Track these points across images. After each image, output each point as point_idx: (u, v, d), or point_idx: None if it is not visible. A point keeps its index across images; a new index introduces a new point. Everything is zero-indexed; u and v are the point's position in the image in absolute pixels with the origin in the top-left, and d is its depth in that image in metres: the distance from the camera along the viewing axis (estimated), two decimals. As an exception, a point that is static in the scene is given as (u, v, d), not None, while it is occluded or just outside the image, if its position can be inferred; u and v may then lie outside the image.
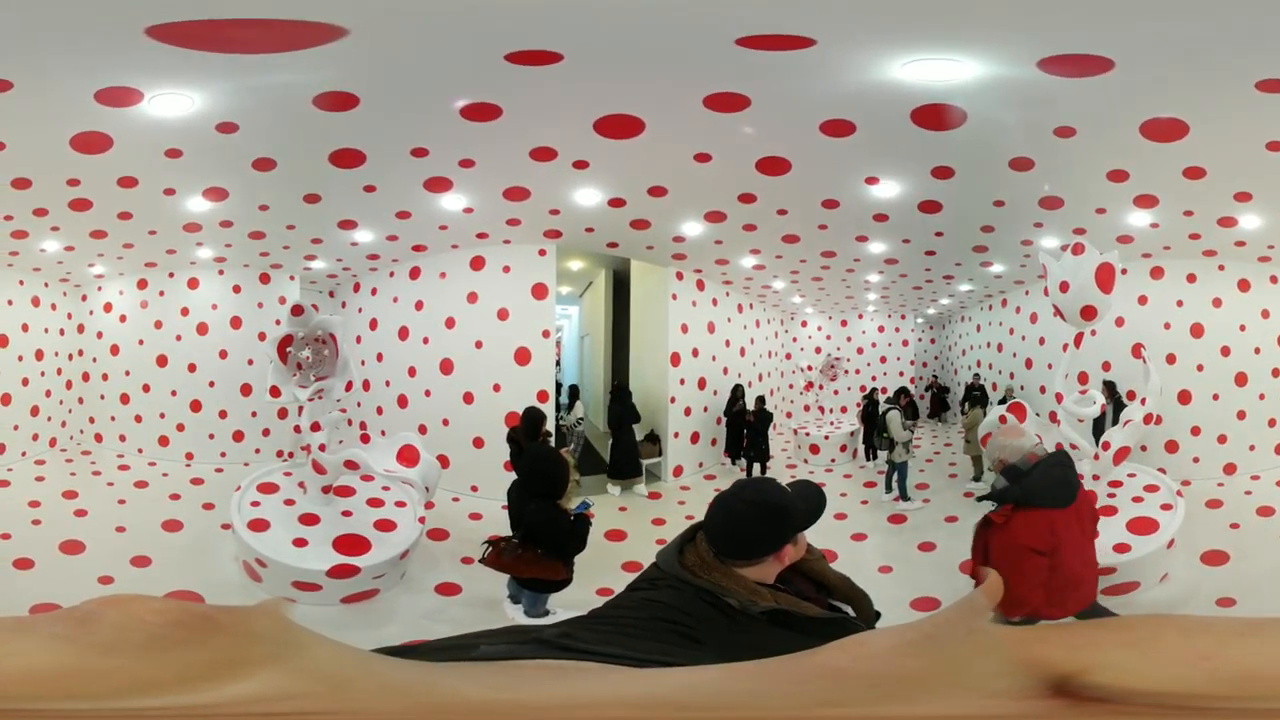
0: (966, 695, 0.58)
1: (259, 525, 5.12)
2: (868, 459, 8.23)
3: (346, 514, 5.35)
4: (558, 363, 8.23)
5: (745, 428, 7.74)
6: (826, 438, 8.60)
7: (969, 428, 7.36)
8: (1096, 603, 3.76)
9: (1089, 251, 4.94)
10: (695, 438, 7.63)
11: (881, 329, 9.33)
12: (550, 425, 6.15)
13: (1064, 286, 5.00)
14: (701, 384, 7.67)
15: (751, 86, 3.73)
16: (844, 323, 9.36)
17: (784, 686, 0.61)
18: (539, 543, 4.22)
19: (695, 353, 7.54)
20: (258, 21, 3.04)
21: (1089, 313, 5.00)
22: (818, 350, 9.28)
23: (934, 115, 3.97)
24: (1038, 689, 0.58)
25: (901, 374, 9.17)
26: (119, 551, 5.42)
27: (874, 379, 9.07)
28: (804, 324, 9.49)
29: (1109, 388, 6.46)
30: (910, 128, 4.09)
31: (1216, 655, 0.59)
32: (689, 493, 7.21)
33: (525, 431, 5.23)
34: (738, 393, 7.90)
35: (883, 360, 9.28)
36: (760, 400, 7.86)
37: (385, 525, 5.32)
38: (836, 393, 9.08)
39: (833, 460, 8.49)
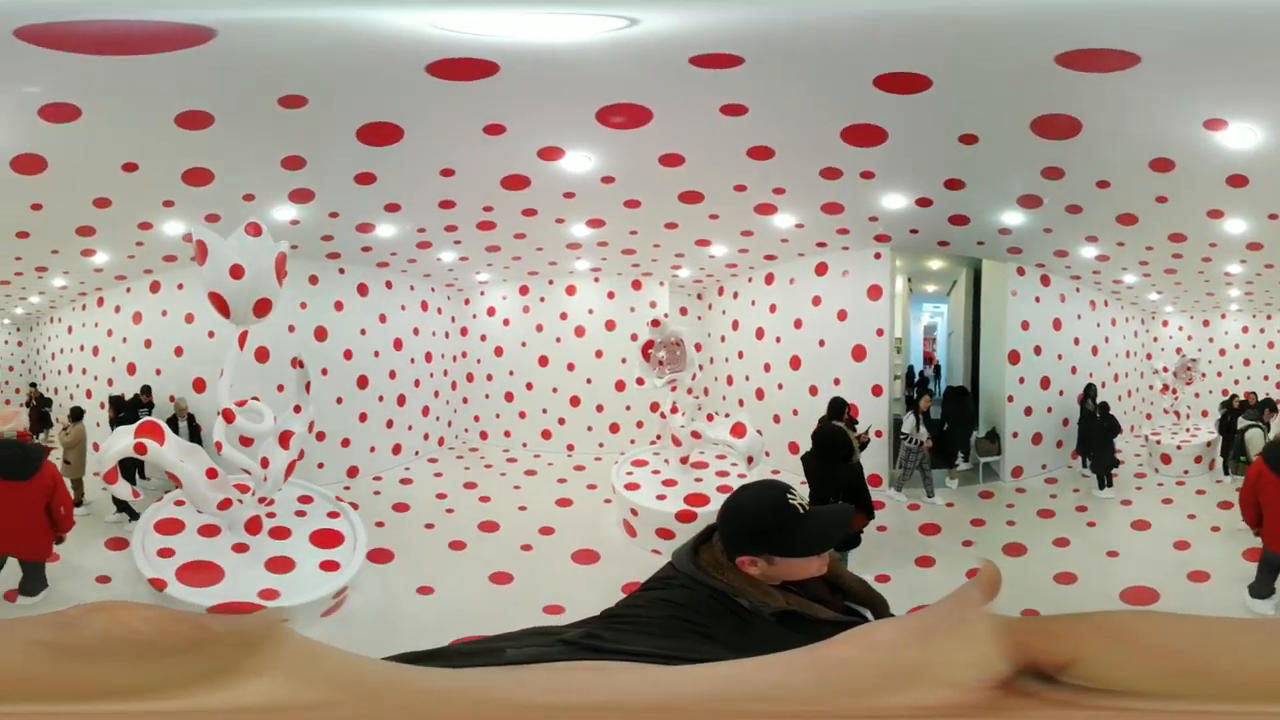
0: (948, 686, 0.59)
1: (631, 487, 6.46)
2: (1225, 473, 7.42)
3: (698, 480, 6.58)
4: (935, 361, 8.46)
5: (1088, 430, 7.45)
6: (1179, 447, 7.91)
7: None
8: None
9: None
10: (1038, 439, 7.44)
11: (1245, 329, 8.40)
12: (885, 422, 6.72)
13: None
14: (1045, 383, 7.48)
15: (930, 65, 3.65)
16: (1205, 322, 8.61)
17: (807, 677, 0.62)
18: (852, 497, 5.23)
19: (1038, 350, 7.38)
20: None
21: None
22: (1178, 351, 8.56)
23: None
24: (1018, 681, 0.60)
25: (1266, 378, 8.18)
26: (527, 526, 6.30)
27: (1236, 382, 8.24)
28: (1165, 323, 8.81)
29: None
30: (1250, 35, 3.00)
31: (1185, 654, 0.60)
32: (1022, 496, 7.03)
33: (829, 415, 6.18)
34: (1089, 392, 7.60)
35: (1245, 363, 8.36)
36: (1104, 405, 7.48)
37: (725, 489, 6.36)
38: (1197, 395, 8.37)
39: (1185, 472, 7.73)
